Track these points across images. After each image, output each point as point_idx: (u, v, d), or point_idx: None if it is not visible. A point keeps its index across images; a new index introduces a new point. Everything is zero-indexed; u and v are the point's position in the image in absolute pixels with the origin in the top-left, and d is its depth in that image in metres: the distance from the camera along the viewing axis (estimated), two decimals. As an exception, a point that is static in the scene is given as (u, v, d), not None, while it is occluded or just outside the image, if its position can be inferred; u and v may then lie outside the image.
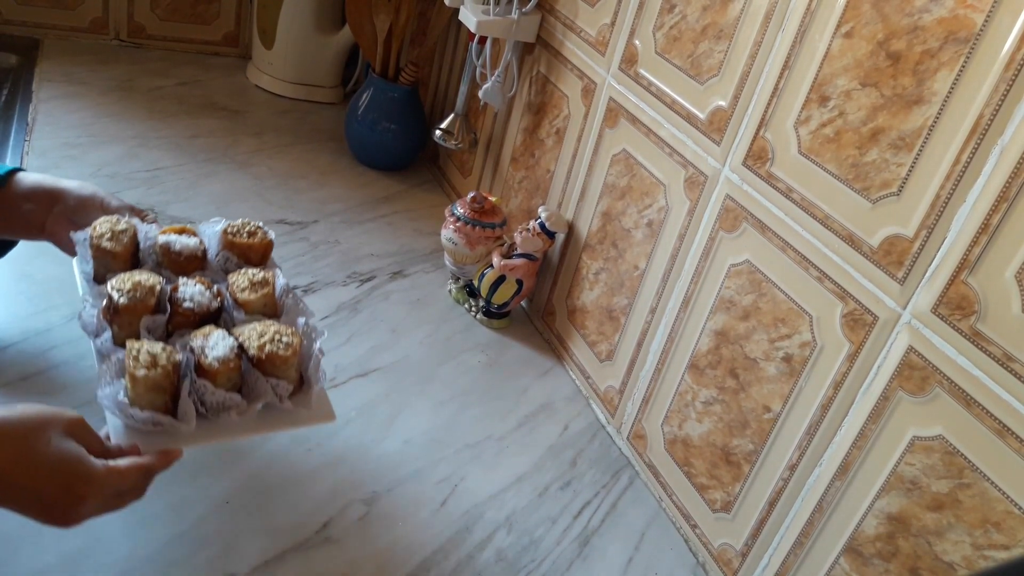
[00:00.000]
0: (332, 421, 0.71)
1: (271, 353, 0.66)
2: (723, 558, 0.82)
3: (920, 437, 0.62)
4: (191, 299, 0.69)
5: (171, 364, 0.63)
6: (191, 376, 0.65)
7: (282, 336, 0.67)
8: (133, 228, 0.76)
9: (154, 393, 0.62)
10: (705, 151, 0.82)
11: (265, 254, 0.80)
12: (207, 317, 0.70)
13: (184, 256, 0.75)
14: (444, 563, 0.76)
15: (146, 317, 0.67)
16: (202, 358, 0.64)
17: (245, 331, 0.68)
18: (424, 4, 1.40)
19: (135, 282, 0.68)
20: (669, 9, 0.87)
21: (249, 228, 0.79)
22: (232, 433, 0.67)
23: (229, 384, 0.66)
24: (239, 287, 0.72)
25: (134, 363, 0.61)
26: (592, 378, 1.02)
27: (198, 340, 0.66)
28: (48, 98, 1.32)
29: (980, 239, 0.58)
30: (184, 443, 0.64)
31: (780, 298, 0.74)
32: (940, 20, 0.60)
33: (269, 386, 0.67)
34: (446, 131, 1.24)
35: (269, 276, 0.74)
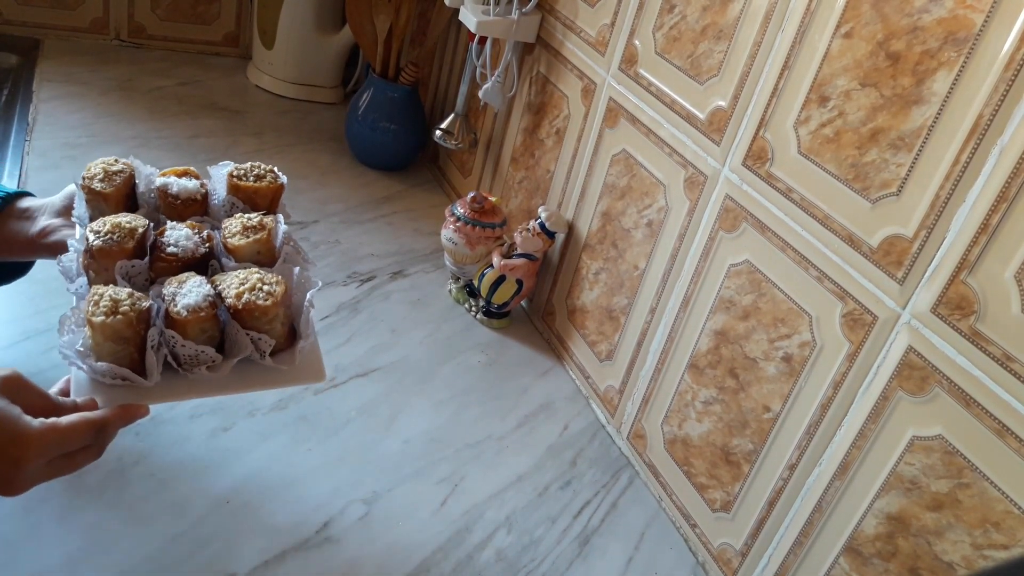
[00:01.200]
0: (320, 380, 0.65)
1: (249, 303, 0.60)
2: (723, 558, 0.82)
3: (920, 437, 0.62)
4: (175, 243, 0.64)
5: (135, 312, 0.57)
6: (160, 326, 0.60)
7: (264, 285, 0.61)
8: (130, 169, 0.70)
9: (115, 343, 0.57)
10: (705, 151, 0.83)
11: (274, 200, 0.73)
12: (193, 264, 0.65)
13: (182, 199, 0.69)
14: (444, 563, 0.76)
15: (122, 262, 0.62)
16: (171, 306, 0.59)
17: (226, 279, 0.62)
18: (424, 4, 1.40)
19: (115, 224, 0.63)
20: (669, 9, 0.87)
21: (258, 171, 0.72)
22: (202, 390, 0.61)
23: (203, 336, 0.61)
24: (230, 232, 0.66)
25: (93, 309, 0.56)
26: (592, 378, 1.02)
27: (171, 287, 0.61)
28: (48, 98, 1.32)
29: (980, 239, 0.58)
30: (148, 399, 0.59)
31: (780, 298, 0.74)
32: (940, 20, 0.60)
33: (249, 340, 0.61)
34: (446, 131, 1.24)
35: (267, 221, 0.67)
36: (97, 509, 0.72)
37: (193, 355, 0.60)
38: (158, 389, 0.60)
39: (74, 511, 0.71)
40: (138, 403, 0.59)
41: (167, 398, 0.61)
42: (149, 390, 0.59)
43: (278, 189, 0.72)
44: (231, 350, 0.62)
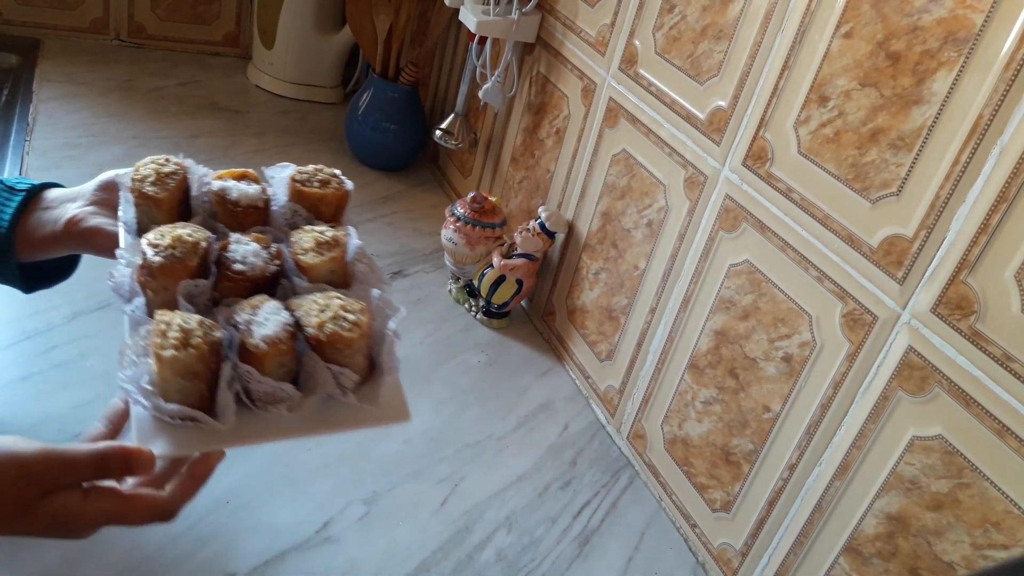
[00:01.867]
0: (405, 421, 0.58)
1: (333, 333, 0.53)
2: (723, 558, 0.82)
3: (920, 437, 0.62)
4: (243, 260, 0.58)
5: (208, 344, 0.51)
6: (233, 359, 0.53)
7: (348, 312, 0.55)
8: (184, 171, 0.64)
9: (185, 379, 0.51)
10: (705, 151, 0.83)
11: (339, 208, 0.67)
12: (262, 284, 0.58)
13: (242, 206, 0.63)
14: (444, 563, 0.76)
15: (185, 281, 0.56)
16: (247, 337, 0.53)
17: (304, 304, 0.56)
18: (424, 4, 1.40)
19: (175, 237, 0.56)
20: (669, 9, 0.87)
21: (322, 176, 0.66)
22: (281, 433, 0.55)
23: (281, 370, 0.54)
24: (302, 247, 0.60)
25: (161, 340, 0.50)
26: (592, 378, 1.02)
27: (244, 313, 0.54)
28: (48, 98, 1.32)
29: (980, 239, 0.58)
30: (221, 443, 0.53)
31: (780, 298, 0.74)
32: (940, 20, 0.60)
33: (331, 375, 0.55)
34: (446, 131, 1.24)
35: (340, 235, 0.61)
36: (97, 509, 0.71)
37: (270, 392, 0.53)
38: (232, 432, 0.53)
39: (74, 511, 0.71)
40: (210, 448, 0.53)
41: (242, 442, 0.54)
42: (223, 434, 0.53)
43: (344, 196, 0.66)
44: (307, 384, 0.55)
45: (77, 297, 0.92)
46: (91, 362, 0.86)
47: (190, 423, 0.52)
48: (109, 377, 0.84)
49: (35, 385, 0.82)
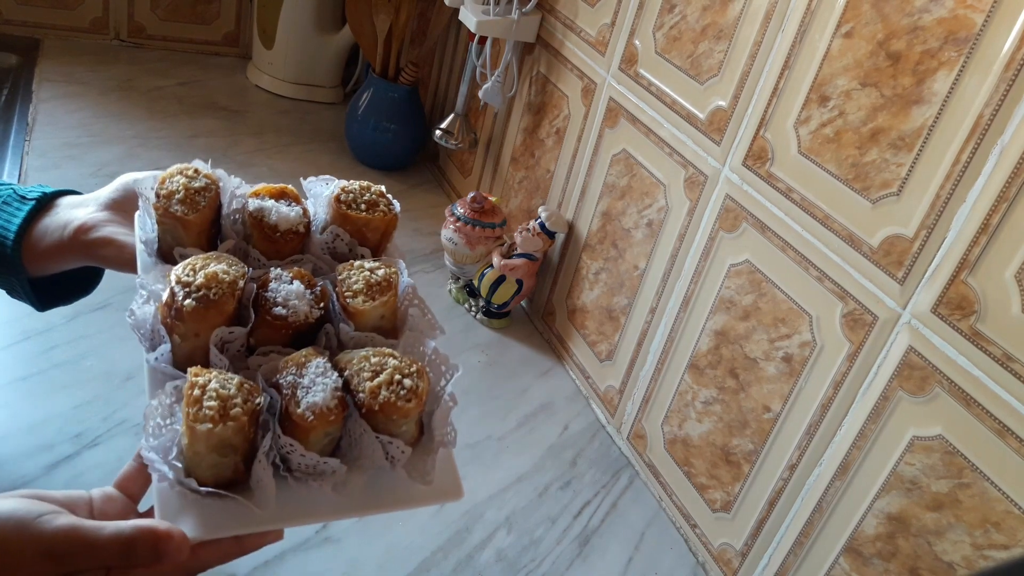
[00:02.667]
0: (458, 499, 0.52)
1: (389, 404, 0.47)
2: (723, 558, 0.82)
3: (920, 437, 0.62)
4: (286, 303, 0.51)
5: (248, 413, 0.45)
6: (274, 429, 0.47)
7: (404, 376, 0.48)
8: (216, 187, 0.56)
9: (220, 454, 0.45)
10: (705, 151, 0.83)
11: (386, 234, 0.60)
12: (304, 330, 0.52)
13: (280, 232, 0.56)
14: (444, 563, 0.76)
15: (220, 329, 0.49)
16: (291, 404, 0.46)
17: (354, 362, 0.49)
18: (424, 4, 1.40)
19: (210, 275, 0.49)
20: (669, 9, 0.87)
21: (368, 196, 0.59)
22: (323, 514, 0.49)
23: (325, 441, 0.48)
24: (351, 288, 0.53)
25: (195, 411, 0.44)
26: (592, 378, 1.02)
27: (288, 374, 0.47)
28: (48, 98, 1.32)
29: (980, 239, 0.58)
30: (256, 525, 0.47)
31: (780, 298, 0.74)
32: (940, 20, 0.60)
33: (380, 445, 0.48)
34: (446, 131, 1.24)
35: (392, 275, 0.54)
36: (97, 509, 0.71)
37: (312, 466, 0.47)
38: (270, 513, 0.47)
39: (74, 511, 0.71)
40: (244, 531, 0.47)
41: (279, 524, 0.48)
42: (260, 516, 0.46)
43: (392, 221, 0.59)
44: (351, 452, 0.49)
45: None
46: (91, 362, 0.86)
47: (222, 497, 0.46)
48: (109, 377, 0.84)
49: (35, 385, 0.81)
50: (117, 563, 0.45)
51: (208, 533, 0.46)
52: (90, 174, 1.16)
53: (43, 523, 0.44)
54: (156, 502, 0.46)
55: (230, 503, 0.46)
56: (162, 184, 0.55)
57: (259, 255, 0.56)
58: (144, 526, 0.45)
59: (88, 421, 0.79)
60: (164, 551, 0.44)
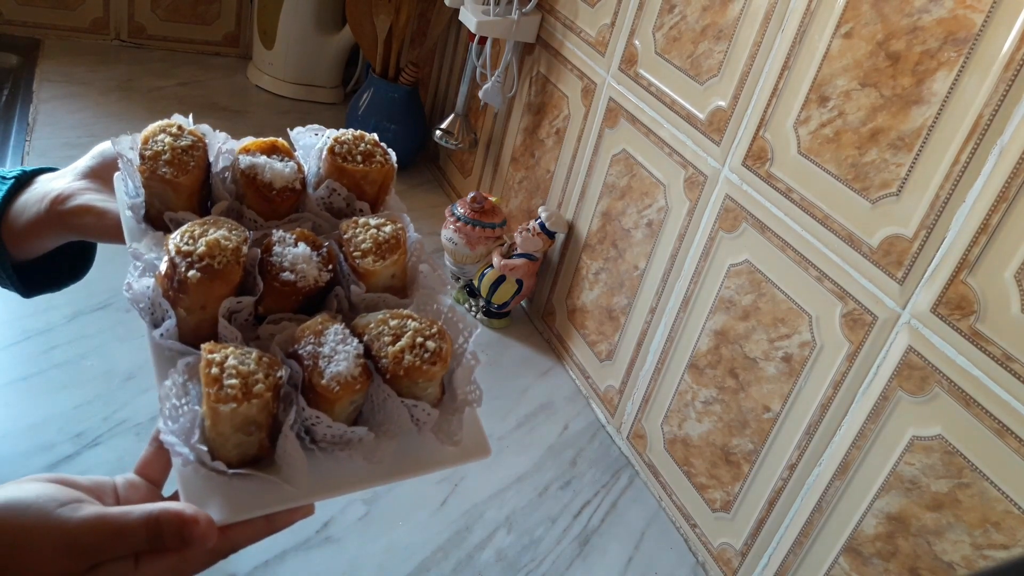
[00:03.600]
0: (486, 456, 0.51)
1: (411, 366, 0.45)
2: (723, 558, 0.82)
3: (919, 437, 0.62)
4: (293, 267, 0.48)
5: (271, 388, 0.43)
6: (297, 402, 0.45)
7: (426, 338, 0.46)
8: (203, 144, 0.53)
9: (245, 433, 0.43)
10: (705, 151, 0.83)
11: (384, 186, 0.57)
12: (313, 294, 0.49)
13: (276, 190, 0.53)
14: (444, 563, 0.76)
15: (228, 300, 0.47)
16: (315, 376, 0.44)
17: (372, 326, 0.47)
18: (424, 4, 1.40)
19: (211, 243, 0.46)
20: (669, 9, 0.87)
21: (363, 147, 0.56)
22: (354, 484, 0.47)
23: (350, 410, 0.46)
24: (359, 248, 0.50)
25: (216, 391, 0.41)
26: (592, 378, 1.02)
27: (307, 343, 0.45)
28: (48, 98, 1.32)
29: (979, 239, 0.58)
30: (286, 502, 0.45)
31: (780, 298, 0.74)
32: (939, 20, 0.60)
33: (405, 409, 0.46)
34: (446, 131, 1.24)
35: (399, 232, 0.52)
36: (97, 509, 0.71)
37: (340, 436, 0.45)
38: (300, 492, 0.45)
39: (74, 511, 0.71)
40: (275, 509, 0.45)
41: (310, 498, 0.46)
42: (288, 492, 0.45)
43: (390, 172, 0.56)
44: (375, 418, 0.47)
45: (77, 297, 0.92)
46: (91, 362, 0.86)
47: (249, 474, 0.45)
48: (109, 377, 0.84)
49: (35, 385, 0.82)
50: (145, 548, 0.43)
51: (237, 515, 0.44)
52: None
53: (66, 513, 0.42)
54: (180, 486, 0.44)
55: (258, 481, 0.44)
56: (145, 144, 0.51)
57: (255, 216, 0.53)
58: (170, 510, 0.43)
59: (88, 421, 0.79)
60: (190, 536, 0.42)
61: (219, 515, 0.43)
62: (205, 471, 0.44)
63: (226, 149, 0.55)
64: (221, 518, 0.43)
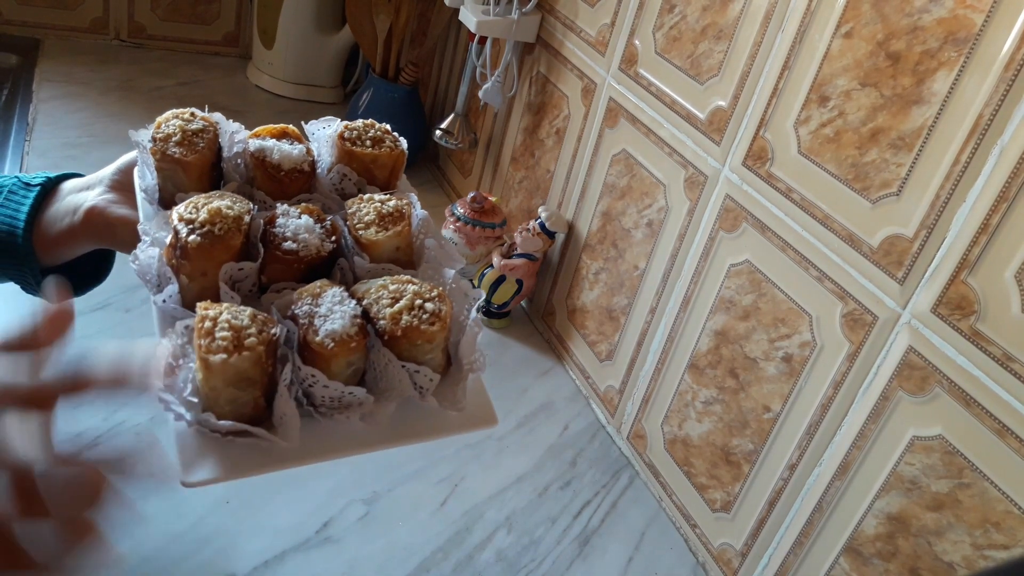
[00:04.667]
0: (493, 425, 0.50)
1: (411, 328, 0.45)
2: (723, 558, 0.82)
3: (920, 437, 0.62)
4: (295, 237, 0.49)
5: (264, 343, 0.43)
6: (293, 360, 0.45)
7: (425, 300, 0.46)
8: (214, 128, 0.55)
9: (238, 387, 0.43)
10: (705, 151, 0.83)
11: (395, 170, 0.58)
12: (316, 264, 0.50)
13: (285, 171, 0.54)
14: (444, 563, 0.76)
15: (228, 265, 0.48)
16: (310, 333, 0.44)
17: (372, 291, 0.47)
18: (424, 4, 1.40)
19: (213, 210, 0.47)
20: (669, 9, 0.87)
21: (374, 133, 0.57)
22: (353, 446, 0.47)
23: (348, 371, 0.46)
24: (362, 221, 0.51)
25: (208, 342, 0.41)
26: (592, 378, 1.02)
27: (304, 304, 0.46)
28: (48, 98, 1.32)
29: (980, 239, 0.58)
30: (282, 463, 0.44)
31: (780, 298, 0.74)
32: (940, 20, 0.60)
33: (406, 374, 0.46)
34: (446, 131, 1.24)
35: (403, 206, 0.52)
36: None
37: (337, 397, 0.45)
38: (297, 449, 0.44)
39: (74, 511, 0.71)
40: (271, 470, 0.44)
41: (308, 459, 0.45)
42: (287, 451, 0.44)
43: (400, 157, 0.57)
44: (378, 386, 0.47)
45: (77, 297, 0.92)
46: (91, 362, 0.86)
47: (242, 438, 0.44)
48: (109, 377, 0.84)
49: (35, 385, 0.81)
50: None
51: (232, 473, 0.43)
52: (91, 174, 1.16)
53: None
54: (174, 444, 0.43)
55: (254, 441, 0.44)
56: (158, 128, 0.53)
57: (264, 196, 0.54)
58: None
59: (88, 421, 0.79)
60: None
61: (213, 473, 0.43)
62: (200, 429, 0.43)
63: (239, 138, 0.57)
64: (214, 476, 0.43)
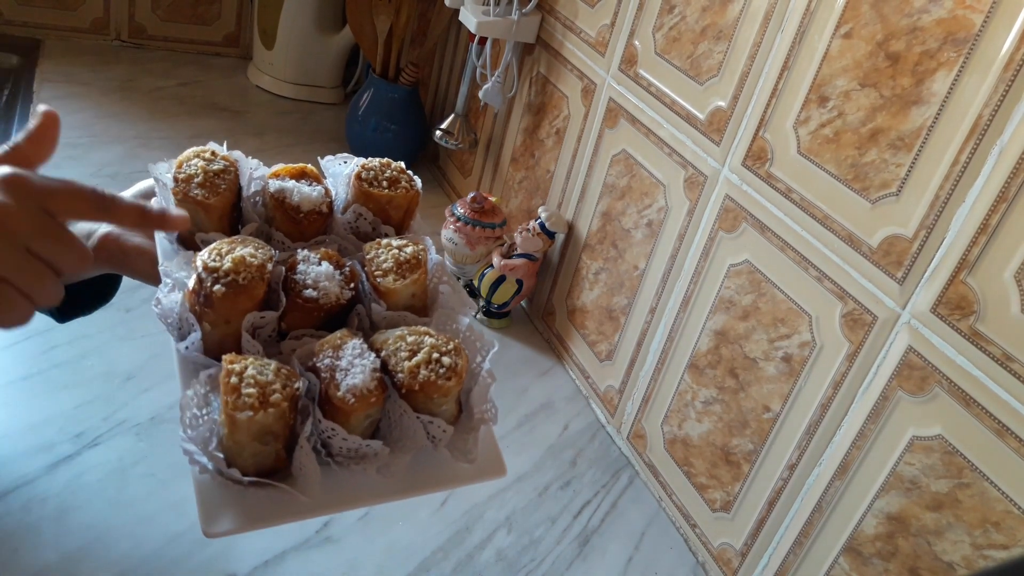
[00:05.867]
0: (501, 476, 0.52)
1: (427, 381, 0.46)
2: (723, 558, 0.82)
3: (919, 437, 0.62)
4: (315, 285, 0.50)
5: (288, 399, 0.44)
6: (314, 413, 0.46)
7: (442, 354, 0.48)
8: (235, 168, 0.56)
9: (262, 441, 0.44)
10: (705, 151, 0.83)
11: (409, 211, 0.59)
12: (335, 312, 0.51)
13: (304, 212, 0.55)
14: (444, 563, 0.76)
15: (252, 315, 0.48)
16: (331, 388, 0.45)
17: (390, 342, 0.48)
18: (424, 5, 1.40)
19: (237, 260, 0.48)
20: (669, 10, 0.87)
21: (389, 174, 0.58)
22: (368, 498, 0.48)
23: (366, 423, 0.47)
24: (380, 267, 0.52)
25: (234, 399, 0.43)
26: (592, 378, 1.02)
27: (325, 356, 0.47)
28: (49, 98, 1.32)
29: (979, 239, 0.58)
30: (300, 514, 0.46)
31: (779, 298, 0.74)
32: (939, 21, 0.60)
33: (421, 425, 0.47)
34: (446, 131, 1.24)
35: (420, 252, 0.53)
36: (96, 509, 0.72)
37: (355, 450, 0.46)
38: (316, 500, 0.46)
39: (73, 510, 0.71)
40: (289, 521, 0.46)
41: (322, 511, 0.47)
42: (304, 503, 0.46)
43: (415, 198, 0.59)
44: (392, 435, 0.48)
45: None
46: (91, 362, 0.86)
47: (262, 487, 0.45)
48: (109, 377, 0.84)
49: (35, 385, 0.82)
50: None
51: (252, 524, 0.45)
52: (91, 174, 1.16)
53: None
54: (196, 495, 0.45)
55: (273, 491, 0.45)
56: (179, 168, 0.54)
57: (283, 237, 0.55)
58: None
59: (88, 421, 0.79)
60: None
61: (234, 524, 0.44)
62: (221, 480, 0.44)
63: (257, 175, 0.58)
64: (235, 527, 0.44)
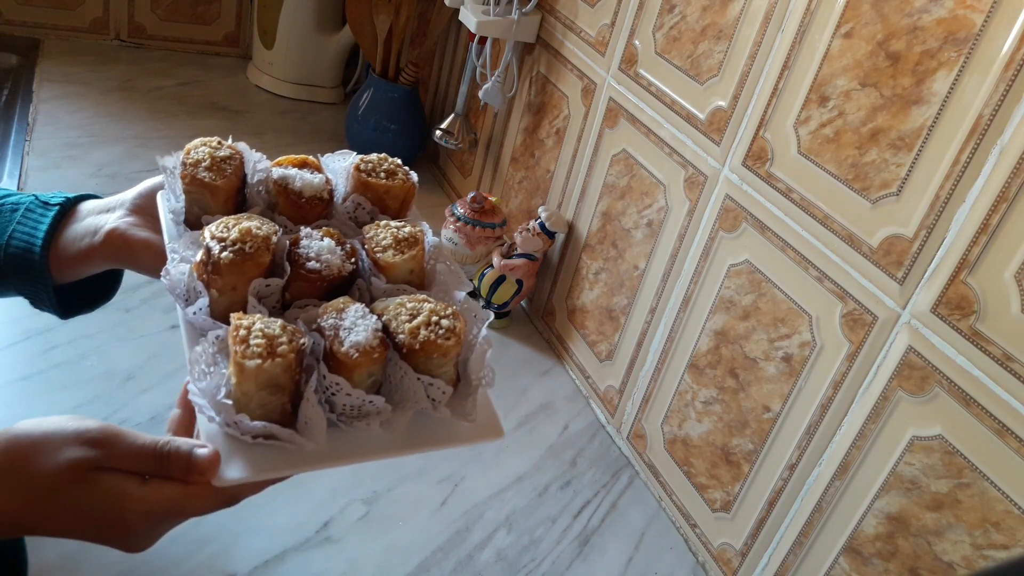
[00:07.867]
0: (499, 437, 0.54)
1: (428, 342, 0.49)
2: (723, 558, 0.82)
3: (919, 437, 0.62)
4: (318, 258, 0.53)
5: (294, 351, 0.46)
6: (319, 369, 0.48)
7: (441, 317, 0.50)
8: (240, 156, 0.59)
9: (269, 392, 0.47)
10: (705, 151, 0.83)
11: (406, 201, 0.63)
12: (337, 284, 0.54)
13: (306, 198, 0.58)
14: (444, 563, 0.76)
15: (257, 280, 0.51)
16: (335, 343, 0.48)
17: (390, 308, 0.51)
18: (424, 4, 1.40)
19: (244, 230, 0.51)
20: (669, 9, 0.87)
21: (387, 166, 0.62)
22: (372, 452, 0.50)
23: (368, 381, 0.50)
24: (380, 244, 0.55)
25: (243, 348, 0.45)
26: (592, 378, 1.02)
27: (329, 317, 0.49)
28: (49, 98, 1.32)
29: (979, 239, 0.58)
30: (305, 465, 0.48)
31: (780, 298, 0.74)
32: (939, 20, 0.60)
33: (421, 386, 0.50)
34: (446, 131, 1.24)
35: (417, 232, 0.57)
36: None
37: (358, 406, 0.49)
38: (320, 452, 0.48)
39: (74, 511, 0.71)
40: (294, 472, 0.48)
41: (328, 463, 0.49)
42: (310, 454, 0.48)
43: (411, 189, 0.63)
44: (394, 396, 0.51)
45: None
46: (91, 362, 0.86)
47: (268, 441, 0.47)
48: (109, 377, 0.84)
49: (35, 385, 0.82)
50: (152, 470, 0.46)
51: (258, 474, 0.47)
52: (91, 174, 1.16)
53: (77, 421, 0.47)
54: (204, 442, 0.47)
55: (278, 444, 0.47)
56: (187, 154, 0.57)
57: (286, 221, 0.58)
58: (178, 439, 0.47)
59: (88, 421, 0.79)
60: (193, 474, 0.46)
61: (240, 474, 0.46)
62: (229, 430, 0.47)
63: (261, 167, 0.61)
64: (243, 476, 0.46)
